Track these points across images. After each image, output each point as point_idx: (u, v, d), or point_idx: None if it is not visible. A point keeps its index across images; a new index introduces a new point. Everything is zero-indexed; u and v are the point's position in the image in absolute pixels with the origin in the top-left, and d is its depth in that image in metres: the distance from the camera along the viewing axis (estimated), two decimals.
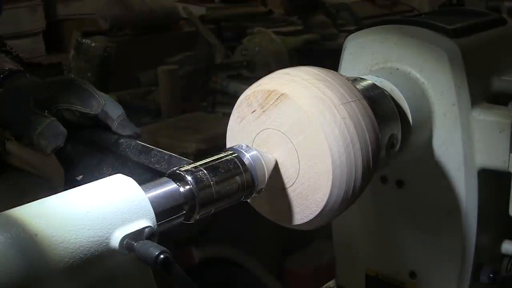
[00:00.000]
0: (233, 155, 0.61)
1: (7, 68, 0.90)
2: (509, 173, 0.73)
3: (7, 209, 0.48)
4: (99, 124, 0.81)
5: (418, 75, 0.78)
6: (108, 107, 0.81)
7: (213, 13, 2.88)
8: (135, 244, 0.50)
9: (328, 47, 2.57)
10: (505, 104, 0.75)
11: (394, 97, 0.75)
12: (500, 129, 0.74)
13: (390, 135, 0.72)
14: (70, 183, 0.80)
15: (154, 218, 0.53)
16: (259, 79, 0.65)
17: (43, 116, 0.78)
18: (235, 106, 0.65)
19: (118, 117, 0.80)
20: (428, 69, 0.77)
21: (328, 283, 0.99)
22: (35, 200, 0.50)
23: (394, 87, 0.75)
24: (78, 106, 0.80)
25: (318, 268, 1.98)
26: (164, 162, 0.75)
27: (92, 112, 0.79)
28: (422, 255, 0.84)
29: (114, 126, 0.80)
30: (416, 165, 0.81)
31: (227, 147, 0.65)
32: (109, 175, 0.54)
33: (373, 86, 0.75)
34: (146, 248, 0.49)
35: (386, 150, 0.72)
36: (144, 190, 0.53)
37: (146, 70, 2.41)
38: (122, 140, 0.78)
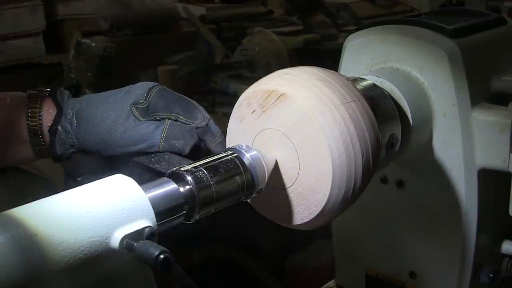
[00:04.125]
0: (233, 155, 0.61)
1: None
2: (509, 173, 0.73)
3: (7, 209, 0.48)
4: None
5: (418, 75, 0.78)
6: (211, 122, 0.77)
7: (213, 13, 2.88)
8: (135, 244, 0.50)
9: (328, 47, 2.56)
10: (505, 104, 0.75)
11: (394, 97, 0.75)
12: (500, 129, 0.74)
13: (390, 135, 0.72)
14: (70, 183, 0.79)
15: (154, 218, 0.53)
16: (259, 79, 0.65)
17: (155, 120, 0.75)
18: (235, 106, 0.65)
19: (220, 135, 0.77)
20: (428, 69, 0.77)
21: (328, 283, 0.99)
22: (35, 200, 0.50)
23: (394, 87, 0.75)
24: (181, 117, 0.76)
25: (318, 268, 1.98)
26: (164, 162, 0.75)
27: (196, 125, 0.76)
28: (422, 255, 0.84)
29: (215, 143, 0.76)
30: (416, 165, 0.81)
31: (227, 147, 0.65)
32: (109, 175, 0.54)
33: (373, 86, 0.75)
34: (146, 248, 0.49)
35: (386, 150, 0.72)
36: (144, 190, 0.53)
37: (146, 70, 2.41)
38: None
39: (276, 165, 0.62)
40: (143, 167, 0.75)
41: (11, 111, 0.80)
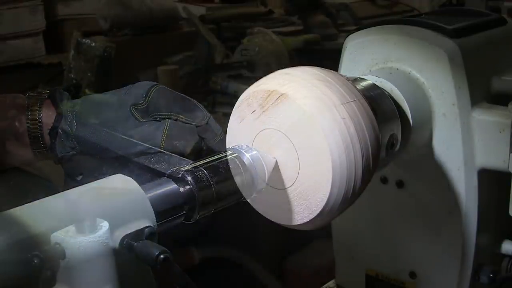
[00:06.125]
0: (233, 155, 0.61)
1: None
2: (509, 173, 0.73)
3: (7, 209, 0.48)
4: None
5: (418, 75, 0.78)
6: (212, 120, 0.78)
7: (213, 13, 2.88)
8: (135, 244, 0.50)
9: (328, 47, 2.56)
10: (505, 104, 0.75)
11: (394, 97, 0.75)
12: (500, 129, 0.74)
13: (390, 135, 0.72)
14: (70, 183, 0.80)
15: (154, 218, 0.53)
16: (259, 79, 0.65)
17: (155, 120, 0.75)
18: (235, 106, 0.65)
19: (220, 133, 0.77)
20: (428, 69, 0.77)
21: (328, 283, 0.99)
22: (35, 200, 0.50)
23: (394, 87, 0.75)
24: (181, 116, 0.76)
25: (318, 268, 1.98)
26: (164, 162, 0.75)
27: (196, 123, 0.76)
28: (422, 255, 0.84)
29: (215, 141, 0.77)
30: (416, 165, 0.81)
31: (227, 147, 0.65)
32: (109, 175, 0.54)
33: (373, 86, 0.75)
34: (146, 248, 0.49)
35: (386, 150, 0.72)
36: (144, 190, 0.53)
37: (146, 70, 2.41)
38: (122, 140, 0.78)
39: (276, 165, 0.62)
40: (143, 167, 0.75)
41: (10, 113, 0.80)
